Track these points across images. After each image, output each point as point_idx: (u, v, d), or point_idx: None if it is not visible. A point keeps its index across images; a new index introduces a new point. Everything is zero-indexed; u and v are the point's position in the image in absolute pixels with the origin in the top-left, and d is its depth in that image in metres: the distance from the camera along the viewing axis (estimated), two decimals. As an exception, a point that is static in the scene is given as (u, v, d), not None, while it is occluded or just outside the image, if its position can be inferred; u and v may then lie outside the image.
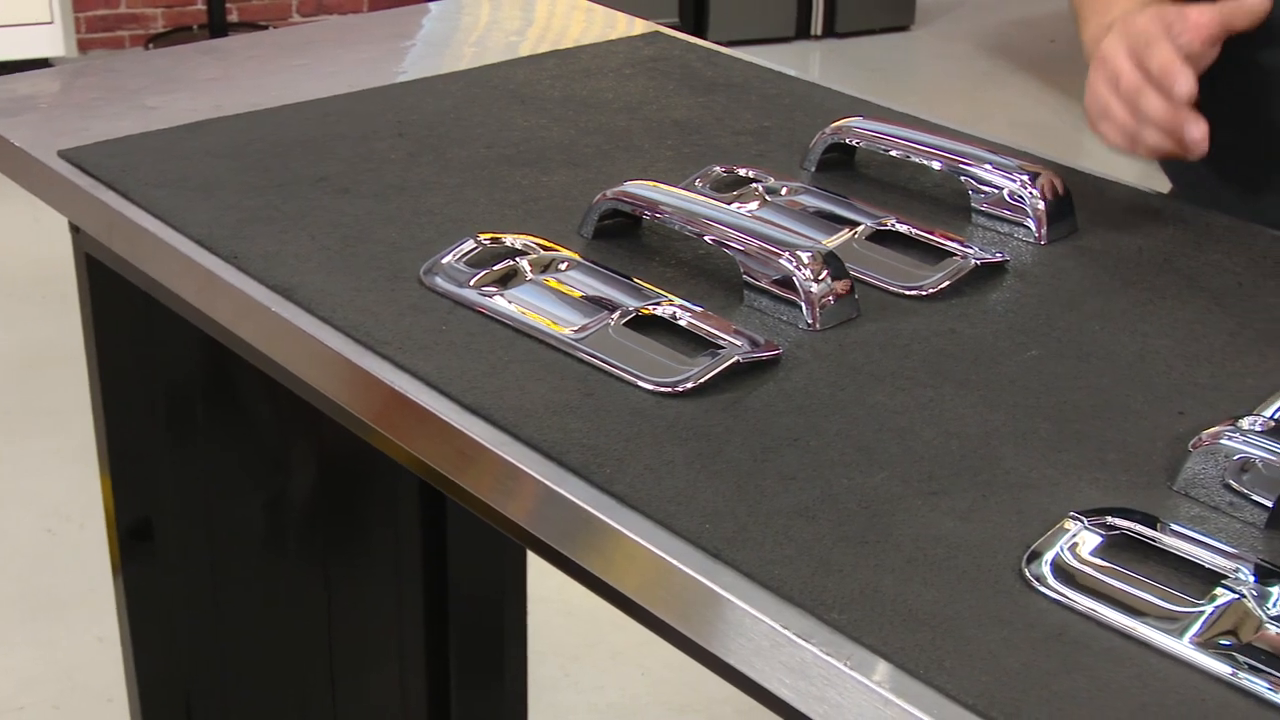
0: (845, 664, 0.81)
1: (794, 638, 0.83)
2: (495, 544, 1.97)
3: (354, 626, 1.95)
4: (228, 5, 5.42)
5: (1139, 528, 0.91)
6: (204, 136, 1.44)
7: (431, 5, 1.93)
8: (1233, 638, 0.83)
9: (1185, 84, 1.22)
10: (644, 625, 0.99)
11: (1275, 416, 1.02)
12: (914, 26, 6.20)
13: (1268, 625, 0.84)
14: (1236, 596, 0.86)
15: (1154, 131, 1.26)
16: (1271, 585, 0.86)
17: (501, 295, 1.15)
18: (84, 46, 5.42)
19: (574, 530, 0.95)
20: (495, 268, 1.18)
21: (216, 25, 5.17)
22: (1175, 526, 0.91)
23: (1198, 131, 1.23)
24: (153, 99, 1.55)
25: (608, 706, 2.53)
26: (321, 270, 1.20)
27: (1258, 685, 0.79)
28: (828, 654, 0.81)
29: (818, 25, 5.97)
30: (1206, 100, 1.26)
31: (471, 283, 1.17)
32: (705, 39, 1.95)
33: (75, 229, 1.51)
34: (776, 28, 5.91)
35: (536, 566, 0.97)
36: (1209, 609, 0.85)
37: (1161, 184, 1.49)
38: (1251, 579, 0.87)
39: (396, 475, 1.88)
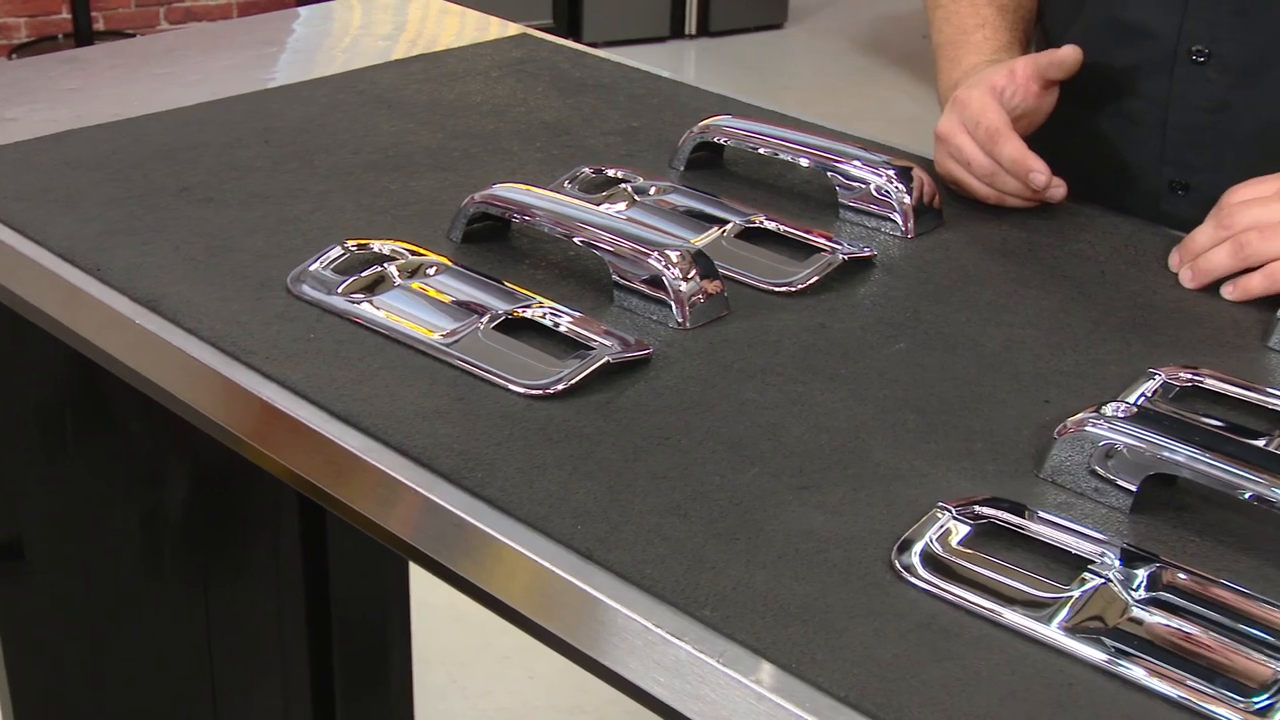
0: (718, 661, 0.81)
1: (667, 636, 0.83)
2: (376, 554, 1.95)
3: (235, 641, 1.93)
4: (93, 14, 5.34)
5: (1006, 516, 0.92)
6: (64, 147, 1.42)
7: (301, 10, 1.91)
8: (1100, 622, 0.84)
9: (1041, 175, 1.28)
10: (524, 630, 0.99)
11: (1138, 403, 1.04)
12: (787, 24, 6.24)
13: (1133, 608, 0.85)
14: (1103, 581, 0.87)
15: (1016, 199, 1.33)
16: (1137, 569, 0.88)
17: (370, 302, 1.14)
18: (-53, 59, 5.32)
19: (447, 536, 0.95)
20: (363, 274, 1.18)
21: (82, 34, 5.10)
22: (1042, 514, 0.93)
23: (1060, 193, 1.31)
24: (12, 110, 1.52)
25: (496, 712, 2.52)
26: (186, 281, 1.18)
27: (1124, 668, 0.81)
28: (701, 651, 0.81)
29: (692, 24, 5.99)
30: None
31: (339, 290, 1.16)
32: (580, 40, 1.95)
33: (-66, 245, 1.48)
34: (651, 28, 5.93)
35: (422, 572, 0.96)
36: (1076, 594, 0.86)
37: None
38: (1117, 563, 0.88)
39: (276, 487, 1.87)
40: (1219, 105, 1.31)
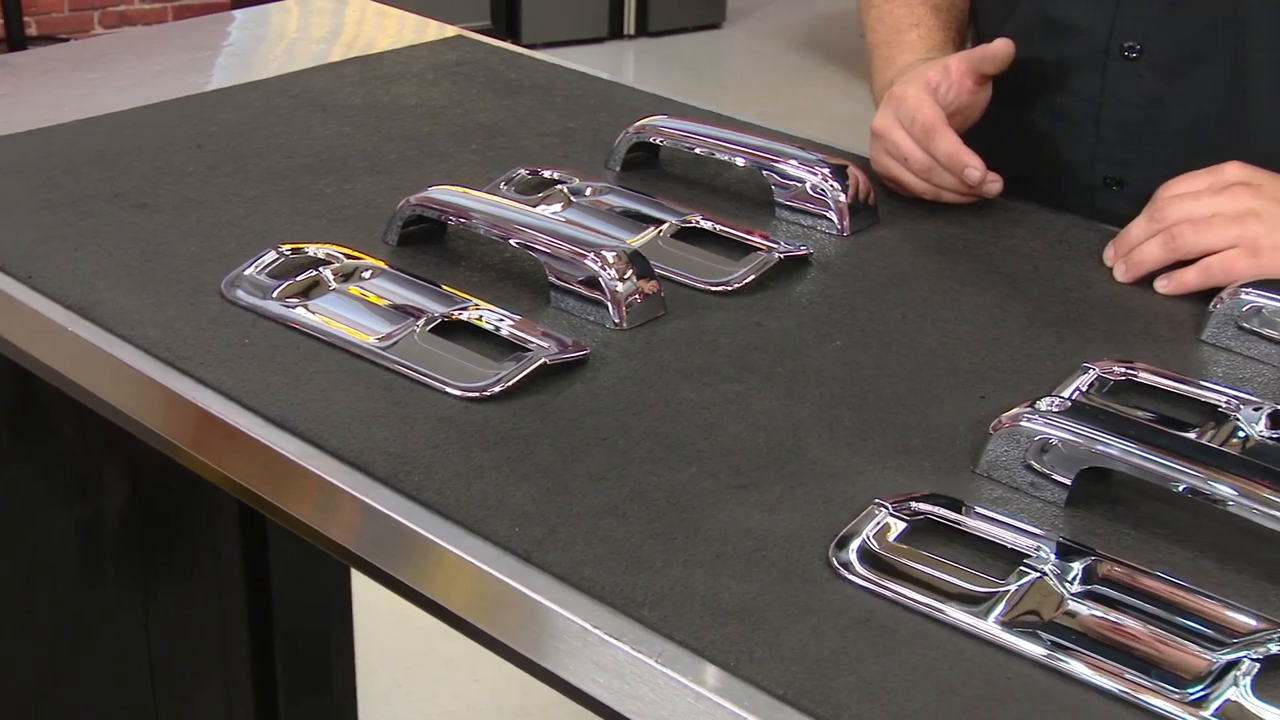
0: (656, 661, 0.81)
1: (605, 637, 0.83)
2: (317, 559, 1.94)
3: (177, 649, 1.91)
4: (26, 19, 5.29)
5: (943, 512, 0.92)
6: (-5, 154, 1.41)
7: (236, 14, 1.90)
8: (1036, 616, 0.84)
9: (976, 170, 1.29)
10: (464, 633, 0.99)
11: (1072, 397, 1.04)
12: (725, 24, 6.25)
13: (1069, 602, 0.85)
14: (1039, 575, 0.87)
15: (952, 194, 1.33)
16: (1072, 562, 0.88)
17: (305, 306, 1.14)
18: (-122, 66, 5.26)
19: (385, 541, 0.94)
20: (298, 278, 1.17)
21: (14, 39, 5.05)
22: (978, 509, 0.93)
23: (995, 188, 1.31)
24: (-59, 117, 1.51)
25: (441, 716, 2.51)
26: (120, 287, 1.17)
27: (1060, 661, 0.81)
28: (639, 651, 0.81)
29: (630, 25, 5.99)
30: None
31: (274, 294, 1.15)
32: (518, 42, 1.94)
33: None
34: (589, 28, 5.93)
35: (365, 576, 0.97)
36: (1012, 588, 0.86)
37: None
38: (1053, 557, 0.89)
39: (215, 493, 1.85)
40: (1151, 101, 1.32)
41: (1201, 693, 0.79)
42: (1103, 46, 1.32)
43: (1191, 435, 1.00)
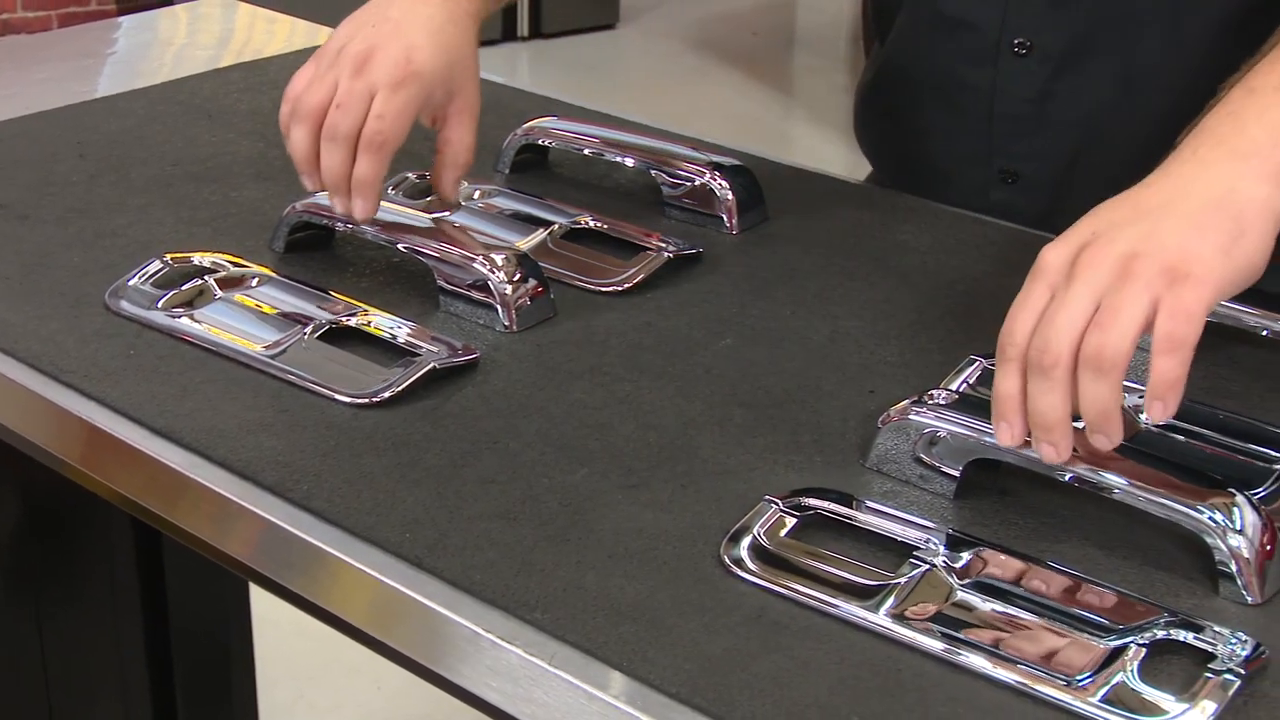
0: (549, 663, 0.81)
1: (497, 641, 0.82)
2: (214, 572, 1.92)
3: (72, 664, 1.89)
4: (-90, 30, 5.20)
5: (833, 506, 0.93)
6: None
7: (122, 20, 1.88)
8: (926, 608, 0.85)
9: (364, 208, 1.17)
10: (359, 641, 0.98)
11: (960, 389, 1.05)
12: (620, 24, 6.25)
13: (958, 592, 0.86)
14: (928, 567, 0.88)
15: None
16: (961, 553, 0.89)
17: (191, 316, 1.13)
18: None
19: (274, 550, 0.94)
20: (183, 288, 1.16)
21: (-101, 52, 4.96)
22: (869, 503, 0.94)
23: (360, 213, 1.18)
24: None
25: (346, 725, 2.50)
26: (1, 300, 1.15)
27: (950, 652, 0.82)
28: (531, 654, 0.81)
29: (524, 27, 5.98)
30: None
31: (159, 304, 1.14)
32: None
33: None
34: (483, 31, 5.90)
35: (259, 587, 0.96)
36: (903, 581, 0.87)
37: (864, 173, 1.53)
38: (942, 549, 0.89)
39: (108, 509, 1.83)
40: (1042, 95, 1.32)
41: (1089, 679, 0.80)
42: (994, 42, 1.33)
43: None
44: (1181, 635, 0.83)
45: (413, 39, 1.18)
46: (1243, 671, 0.80)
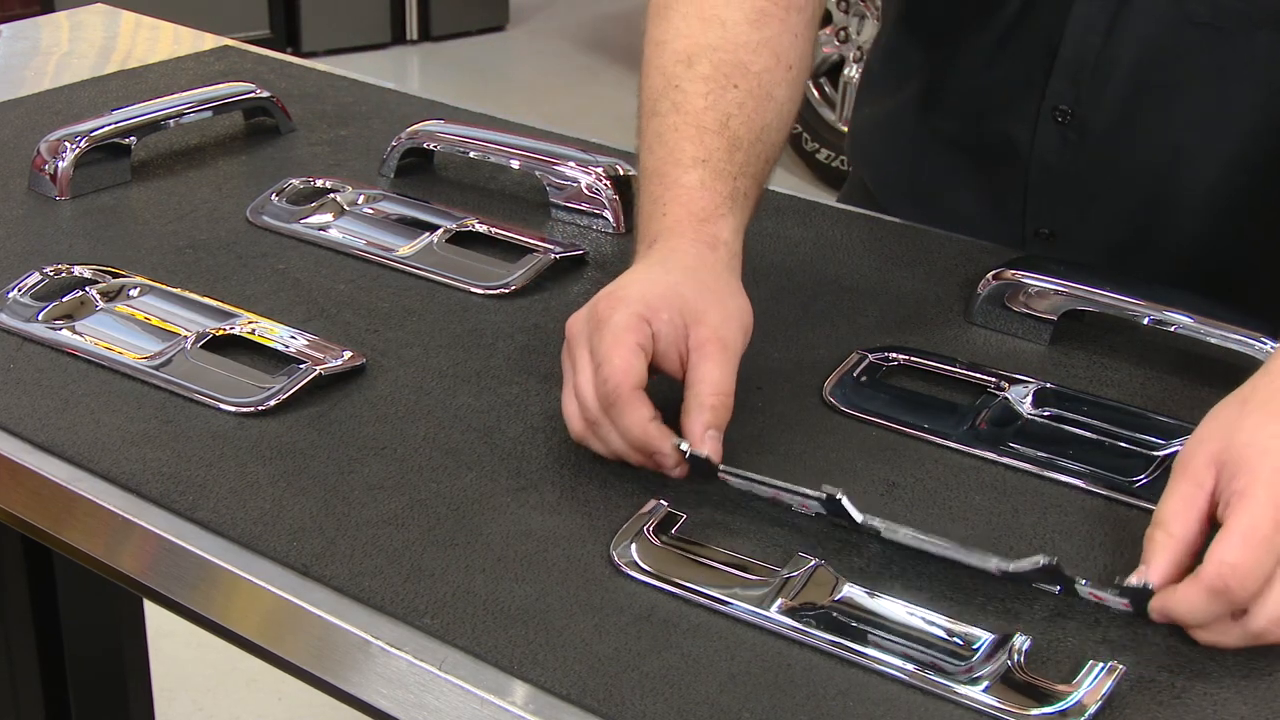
0: (439, 668, 0.80)
1: (386, 647, 0.82)
2: (106, 586, 1.90)
3: (-38, 685, 1.86)
4: None
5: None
6: None
7: (2, 29, 1.85)
8: (814, 602, 0.86)
9: (669, 458, 0.96)
10: (249, 651, 0.97)
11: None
12: (509, 26, 6.24)
13: (844, 586, 0.87)
14: (818, 562, 0.88)
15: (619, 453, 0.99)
16: (848, 549, 0.90)
17: (71, 328, 1.11)
18: None
19: (160, 562, 0.93)
20: (64, 299, 1.14)
21: None
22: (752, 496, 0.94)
23: (680, 473, 0.97)
24: None
25: (245, 736, 2.47)
26: (-125, 316, 1.13)
27: (839, 646, 0.82)
28: (421, 660, 0.81)
29: (413, 30, 5.94)
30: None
31: (39, 317, 1.12)
32: (299, 51, 1.91)
33: None
34: (371, 34, 5.86)
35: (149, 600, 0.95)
36: (790, 576, 0.87)
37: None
38: (829, 543, 0.90)
39: (-4, 524, 1.80)
40: (1081, 162, 1.26)
41: (966, 667, 0.81)
42: (1034, 109, 1.26)
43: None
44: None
45: (621, 282, 1.02)
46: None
